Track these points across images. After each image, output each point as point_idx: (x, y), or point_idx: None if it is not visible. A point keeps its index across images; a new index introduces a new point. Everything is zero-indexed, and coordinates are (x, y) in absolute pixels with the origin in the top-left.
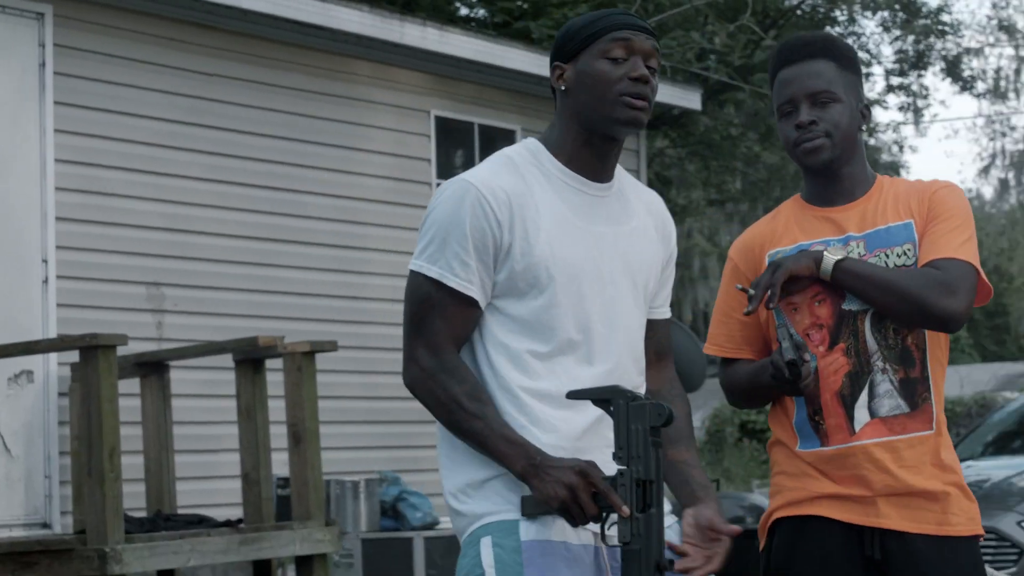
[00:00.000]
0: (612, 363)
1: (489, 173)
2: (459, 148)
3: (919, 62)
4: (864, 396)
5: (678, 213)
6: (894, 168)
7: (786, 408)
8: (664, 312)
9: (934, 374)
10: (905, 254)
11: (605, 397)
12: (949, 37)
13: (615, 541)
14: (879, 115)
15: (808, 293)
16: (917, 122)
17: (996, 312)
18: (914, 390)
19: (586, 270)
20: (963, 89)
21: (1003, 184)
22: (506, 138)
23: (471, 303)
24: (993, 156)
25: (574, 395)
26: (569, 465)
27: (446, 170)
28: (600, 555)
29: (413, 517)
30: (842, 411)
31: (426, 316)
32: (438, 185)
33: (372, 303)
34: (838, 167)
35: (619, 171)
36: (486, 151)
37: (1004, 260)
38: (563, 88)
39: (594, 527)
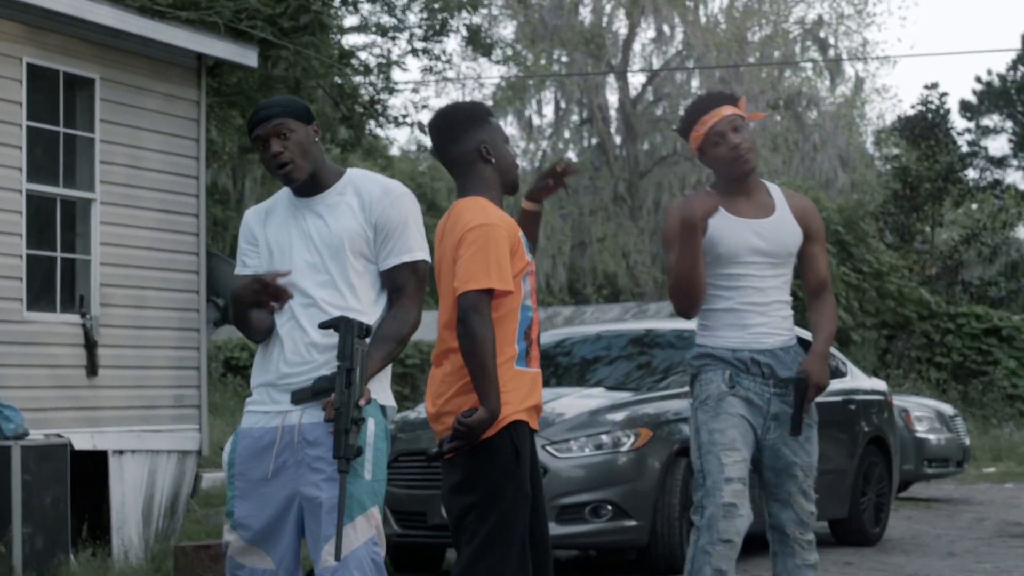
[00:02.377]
0: (305, 299)
1: (256, 207)
2: (46, 94)
3: (442, 29)
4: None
5: (211, 158)
6: (421, 127)
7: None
8: (389, 263)
9: None
10: None
11: (334, 324)
12: (472, 8)
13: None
14: (399, 75)
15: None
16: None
17: None
18: None
19: (290, 244)
20: (483, 55)
21: None
22: (87, 86)
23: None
24: None
25: (322, 325)
26: (243, 282)
27: (36, 113)
28: (277, 433)
29: (7, 428)
30: (537, 350)
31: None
32: (28, 127)
33: None
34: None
35: (354, 180)
36: (69, 98)
37: None
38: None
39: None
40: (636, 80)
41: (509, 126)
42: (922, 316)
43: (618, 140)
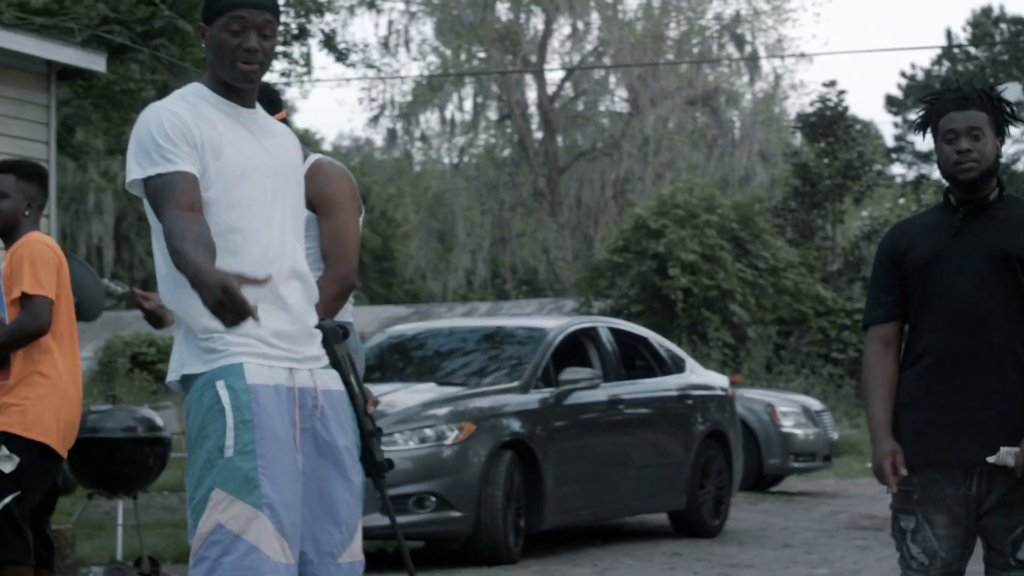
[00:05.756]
0: (277, 239)
1: (168, 101)
2: None
3: (300, 35)
4: None
5: (75, 155)
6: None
7: None
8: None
9: None
10: None
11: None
12: (326, 15)
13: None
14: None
15: None
16: (301, 83)
17: (384, 257)
18: None
19: (264, 166)
20: (338, 59)
21: (391, 133)
22: None
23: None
24: (383, 107)
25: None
26: (216, 279)
27: None
28: (294, 395)
29: None
30: None
31: (162, 198)
32: None
33: None
34: None
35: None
36: None
37: (391, 207)
38: (204, 44)
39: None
40: (554, 76)
41: (428, 123)
42: (818, 312)
43: (538, 136)
